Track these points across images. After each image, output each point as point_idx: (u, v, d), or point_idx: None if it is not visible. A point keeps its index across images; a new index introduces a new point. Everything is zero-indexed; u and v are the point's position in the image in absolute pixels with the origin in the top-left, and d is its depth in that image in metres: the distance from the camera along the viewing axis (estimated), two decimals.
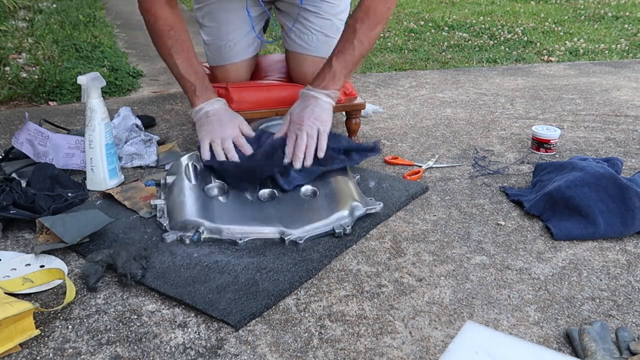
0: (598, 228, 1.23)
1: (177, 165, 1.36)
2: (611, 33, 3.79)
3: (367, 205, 1.29)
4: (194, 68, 1.38)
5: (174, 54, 1.37)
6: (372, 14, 1.35)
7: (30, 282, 1.01)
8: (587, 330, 0.90)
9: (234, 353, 0.89)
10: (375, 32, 1.37)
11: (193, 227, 1.19)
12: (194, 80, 1.37)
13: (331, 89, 1.33)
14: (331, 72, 1.34)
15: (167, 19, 1.35)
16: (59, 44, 3.10)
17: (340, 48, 1.37)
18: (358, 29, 1.35)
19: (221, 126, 1.31)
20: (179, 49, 1.37)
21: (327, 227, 1.21)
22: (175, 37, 1.36)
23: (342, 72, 1.35)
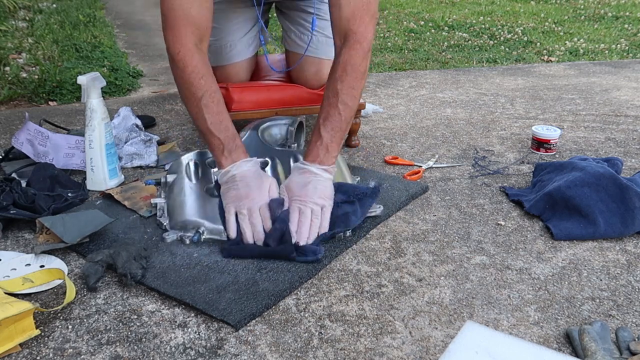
0: (598, 228, 1.23)
1: (177, 164, 1.36)
2: (611, 33, 3.80)
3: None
4: (225, 125, 1.24)
5: (204, 107, 1.23)
6: (351, 69, 1.27)
7: (30, 282, 1.01)
8: (587, 330, 0.90)
9: (234, 353, 0.89)
10: (358, 89, 1.29)
11: (193, 227, 1.19)
12: (224, 138, 1.23)
13: (327, 164, 1.25)
14: (323, 145, 1.25)
15: (197, 67, 1.23)
16: (59, 44, 3.10)
17: (325, 115, 1.27)
18: (339, 90, 1.26)
19: (247, 193, 1.19)
20: (209, 102, 1.24)
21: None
22: (206, 87, 1.24)
23: (334, 142, 1.26)
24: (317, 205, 1.19)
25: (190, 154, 1.39)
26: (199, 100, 1.23)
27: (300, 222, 1.17)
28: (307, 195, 1.19)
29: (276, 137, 1.53)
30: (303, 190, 1.20)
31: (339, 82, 1.26)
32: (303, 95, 1.66)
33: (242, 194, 1.18)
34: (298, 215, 1.18)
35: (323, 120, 1.27)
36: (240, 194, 1.19)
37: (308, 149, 1.27)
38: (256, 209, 1.17)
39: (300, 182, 1.22)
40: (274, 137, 1.53)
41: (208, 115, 1.23)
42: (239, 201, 1.18)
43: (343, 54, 1.28)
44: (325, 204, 1.20)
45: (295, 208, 1.18)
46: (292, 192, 1.21)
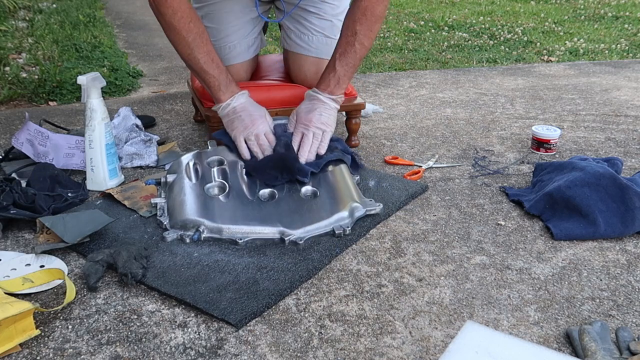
0: (598, 228, 1.23)
1: (177, 164, 1.36)
2: (611, 33, 3.80)
3: (367, 207, 1.29)
4: (216, 62, 1.37)
5: (195, 49, 1.34)
6: (370, 14, 1.38)
7: (30, 282, 1.01)
8: (587, 330, 0.90)
9: (234, 353, 0.89)
10: (374, 31, 1.41)
11: (193, 226, 1.19)
12: (217, 74, 1.37)
13: (337, 94, 1.39)
14: (336, 77, 1.39)
15: (186, 12, 1.32)
16: (59, 44, 3.10)
17: (342, 51, 1.40)
18: (358, 30, 1.37)
19: (252, 122, 1.35)
20: (200, 42, 1.35)
21: (327, 227, 1.21)
22: (195, 30, 1.34)
23: (346, 76, 1.40)
24: (319, 130, 1.34)
25: (190, 154, 1.39)
26: (190, 42, 1.34)
27: (302, 142, 1.33)
28: (311, 120, 1.35)
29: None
30: (309, 115, 1.36)
31: (358, 23, 1.38)
32: (303, 95, 1.66)
33: (247, 123, 1.34)
34: (301, 137, 1.34)
35: (339, 55, 1.40)
36: (245, 123, 1.35)
37: (321, 78, 1.42)
38: (262, 134, 1.34)
39: (308, 108, 1.38)
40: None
41: (200, 55, 1.35)
42: (247, 129, 1.34)
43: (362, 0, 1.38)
44: (327, 129, 1.36)
45: (299, 131, 1.35)
46: (299, 117, 1.38)
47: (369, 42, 1.40)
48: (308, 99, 1.41)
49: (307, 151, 1.33)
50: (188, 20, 1.33)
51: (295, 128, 1.36)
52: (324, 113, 1.37)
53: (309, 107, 1.38)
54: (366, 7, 1.37)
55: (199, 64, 1.36)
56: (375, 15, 1.39)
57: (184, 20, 1.32)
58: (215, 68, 1.37)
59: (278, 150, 1.33)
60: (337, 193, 1.30)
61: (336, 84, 1.39)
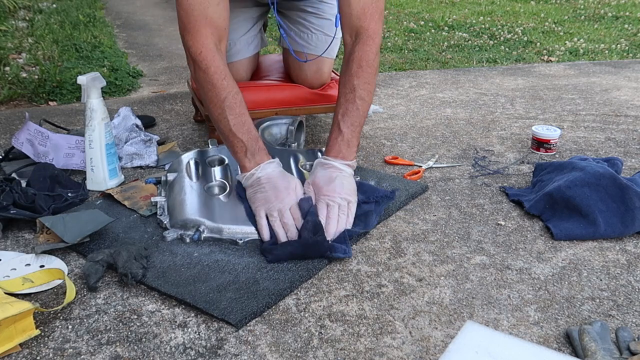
0: (598, 228, 1.23)
1: (177, 163, 1.36)
2: (611, 33, 3.80)
3: None
4: (247, 127, 1.24)
5: (227, 109, 1.22)
6: (366, 65, 1.30)
7: (30, 282, 1.01)
8: (587, 330, 0.90)
9: (234, 353, 0.89)
10: (372, 83, 1.32)
11: (193, 226, 1.19)
12: (247, 140, 1.23)
13: (349, 160, 1.28)
14: (345, 140, 1.28)
15: (220, 68, 1.23)
16: (59, 44, 3.10)
17: (343, 111, 1.30)
18: (357, 86, 1.29)
19: (276, 195, 1.19)
20: (233, 103, 1.23)
21: None
22: (229, 89, 1.23)
23: (354, 137, 1.29)
24: (344, 201, 1.20)
25: (191, 152, 1.39)
26: (223, 102, 1.22)
27: (328, 217, 1.18)
28: (335, 190, 1.21)
29: (276, 137, 1.53)
30: (330, 185, 1.21)
31: (355, 77, 1.29)
32: (303, 95, 1.66)
33: (271, 196, 1.18)
34: (326, 211, 1.19)
35: (342, 115, 1.29)
36: (268, 196, 1.19)
37: (329, 144, 1.29)
38: (287, 210, 1.17)
39: (326, 178, 1.23)
40: (274, 137, 1.53)
41: (231, 117, 1.22)
42: (269, 203, 1.18)
43: (357, 50, 1.30)
44: (351, 199, 1.22)
45: (323, 204, 1.19)
46: (318, 188, 1.22)
47: (369, 96, 1.31)
48: (322, 167, 1.26)
49: (335, 227, 1.18)
50: (222, 77, 1.23)
51: (319, 200, 1.20)
52: (345, 182, 1.23)
53: (327, 177, 1.23)
54: (361, 58, 1.30)
55: (228, 126, 1.23)
56: (370, 64, 1.31)
57: (218, 76, 1.23)
58: (245, 133, 1.23)
59: (305, 236, 1.14)
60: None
61: (347, 148, 1.27)
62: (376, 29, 1.32)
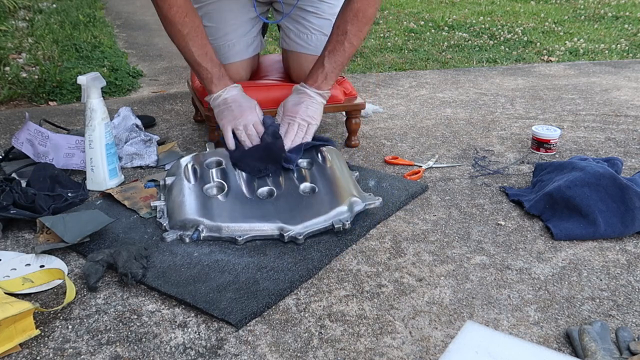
0: (598, 228, 1.23)
1: (176, 166, 1.36)
2: (611, 33, 3.80)
3: (366, 201, 1.29)
4: (209, 55, 1.42)
5: (190, 41, 1.39)
6: (362, 16, 1.42)
7: (30, 282, 1.01)
8: (587, 330, 0.90)
9: (234, 353, 0.89)
10: (364, 32, 1.45)
11: (192, 226, 1.19)
12: (210, 67, 1.42)
13: (324, 89, 1.44)
14: (324, 73, 1.44)
15: (182, 6, 1.38)
16: (59, 44, 3.10)
17: (331, 48, 1.44)
18: (349, 30, 1.42)
19: (241, 112, 1.38)
20: (194, 36, 1.40)
21: (326, 222, 1.21)
22: (190, 24, 1.39)
23: (334, 72, 1.45)
24: (304, 122, 1.40)
25: (189, 156, 1.40)
26: (185, 36, 1.39)
27: (287, 132, 1.38)
28: (298, 112, 1.40)
29: None
30: (295, 107, 1.41)
31: (349, 24, 1.42)
32: None
33: (237, 114, 1.38)
34: (287, 128, 1.39)
35: (328, 52, 1.45)
36: (234, 113, 1.38)
37: (310, 73, 1.46)
38: (250, 125, 1.38)
39: (295, 101, 1.43)
40: None
41: (194, 48, 1.40)
42: (235, 119, 1.38)
43: (355, 2, 1.42)
44: (312, 122, 1.41)
45: (286, 122, 1.40)
46: (286, 109, 1.43)
47: (358, 42, 1.45)
48: (295, 92, 1.46)
49: (291, 140, 1.37)
50: (184, 14, 1.37)
51: (282, 119, 1.41)
52: (310, 106, 1.41)
53: (296, 100, 1.43)
54: (358, 9, 1.41)
55: (193, 57, 1.41)
56: (367, 16, 1.43)
57: (179, 14, 1.37)
58: (208, 61, 1.42)
59: (265, 139, 1.36)
60: (335, 188, 1.29)
61: (324, 79, 1.44)
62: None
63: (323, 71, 1.44)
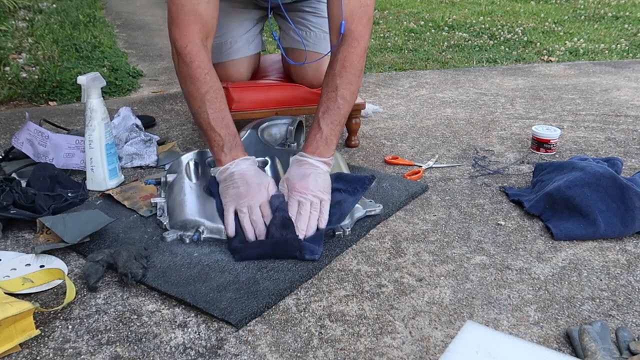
0: (598, 228, 1.23)
1: (177, 163, 1.36)
2: (611, 33, 3.79)
3: (367, 207, 1.29)
4: (226, 122, 1.25)
5: (207, 102, 1.23)
6: (350, 66, 1.30)
7: (30, 282, 1.01)
8: (587, 330, 0.90)
9: (234, 353, 0.89)
10: (356, 86, 1.32)
11: (193, 227, 1.19)
12: (224, 135, 1.23)
13: (326, 157, 1.26)
14: (323, 137, 1.26)
15: (204, 63, 1.25)
16: (59, 44, 3.10)
17: (324, 109, 1.29)
18: (339, 85, 1.29)
19: (248, 191, 1.18)
20: (213, 98, 1.24)
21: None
22: (211, 84, 1.24)
23: (333, 135, 1.28)
24: (316, 198, 1.18)
25: (190, 153, 1.39)
26: (203, 96, 1.23)
27: (299, 214, 1.16)
28: (307, 187, 1.19)
29: (276, 137, 1.53)
30: (303, 182, 1.20)
31: (338, 77, 1.29)
32: (303, 95, 1.66)
33: (242, 192, 1.17)
34: (297, 207, 1.17)
35: (322, 113, 1.28)
36: (240, 192, 1.18)
37: (307, 141, 1.28)
38: (256, 207, 1.16)
39: (300, 174, 1.22)
40: (273, 137, 1.53)
41: (210, 111, 1.23)
42: (239, 199, 1.17)
43: (341, 51, 1.31)
44: (324, 197, 1.20)
45: (295, 200, 1.17)
46: (291, 185, 1.20)
47: (351, 96, 1.31)
48: (297, 164, 1.25)
49: (307, 225, 1.16)
50: (205, 72, 1.24)
51: (290, 196, 1.19)
52: (318, 179, 1.21)
53: (301, 173, 1.22)
54: (345, 59, 1.30)
55: (207, 119, 1.23)
56: (355, 67, 1.30)
57: (200, 71, 1.24)
58: (223, 127, 1.24)
59: (273, 233, 1.13)
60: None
61: (324, 145, 1.26)
62: (363, 32, 1.31)
63: (322, 136, 1.26)
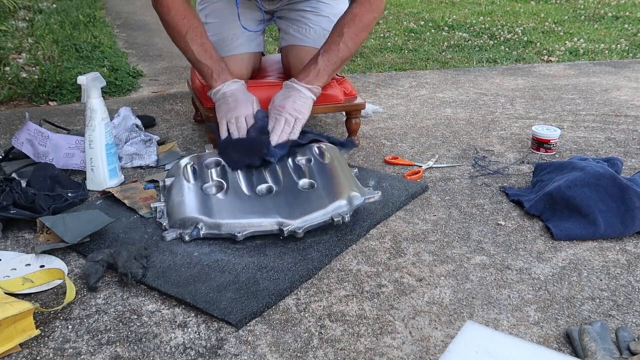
0: (598, 228, 1.23)
1: (176, 167, 1.37)
2: (611, 33, 3.80)
3: (365, 195, 1.29)
4: (209, 53, 1.46)
5: (189, 41, 1.45)
6: (359, 20, 1.45)
7: (30, 282, 1.01)
8: (587, 330, 0.90)
9: (234, 353, 0.89)
10: (360, 37, 1.47)
11: (192, 224, 1.19)
12: (210, 64, 1.45)
13: (314, 85, 1.45)
14: (316, 69, 1.45)
15: (180, 9, 1.44)
16: (59, 44, 3.10)
17: (326, 48, 1.46)
18: (345, 32, 1.44)
19: (236, 105, 1.41)
20: (193, 35, 1.45)
21: (325, 216, 1.20)
22: (189, 25, 1.45)
23: (326, 70, 1.45)
24: (291, 116, 1.39)
25: (188, 157, 1.40)
26: (184, 36, 1.45)
27: (274, 127, 1.38)
28: (285, 106, 1.40)
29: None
30: (283, 101, 1.41)
31: (346, 27, 1.45)
32: None
33: (232, 107, 1.41)
34: (274, 123, 1.39)
35: (323, 51, 1.46)
36: (230, 107, 1.42)
37: (302, 70, 1.48)
38: (242, 117, 1.40)
39: (284, 96, 1.43)
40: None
41: (194, 47, 1.45)
42: (229, 112, 1.41)
43: (354, 7, 1.46)
44: (300, 116, 1.40)
45: (273, 117, 1.41)
46: (273, 103, 1.43)
47: (354, 45, 1.46)
48: (285, 87, 1.46)
49: (278, 135, 1.37)
50: (182, 16, 1.44)
51: (270, 114, 1.42)
52: (297, 101, 1.42)
53: (285, 95, 1.43)
54: (356, 14, 1.45)
55: (194, 55, 1.46)
56: (364, 22, 1.45)
57: (178, 17, 1.44)
58: (208, 58, 1.45)
59: (251, 133, 1.39)
60: (334, 183, 1.29)
61: (315, 75, 1.45)
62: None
63: (315, 67, 1.45)
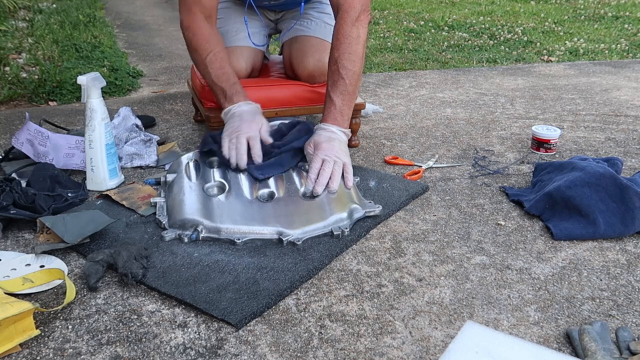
0: (598, 228, 1.23)
1: (177, 163, 1.36)
2: (611, 33, 3.80)
3: (366, 208, 1.29)
4: (226, 76, 1.46)
5: (208, 64, 1.45)
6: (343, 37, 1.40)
7: (30, 282, 1.01)
8: (587, 330, 0.90)
9: (234, 353, 0.89)
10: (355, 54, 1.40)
11: (192, 226, 1.19)
12: (226, 86, 1.44)
13: (344, 127, 1.41)
14: (338, 110, 1.40)
15: (204, 34, 1.47)
16: (59, 44, 3.10)
17: (331, 82, 1.41)
18: (337, 57, 1.40)
19: (240, 125, 1.38)
20: (213, 59, 1.46)
21: (325, 228, 1.21)
22: (210, 48, 1.46)
23: (346, 106, 1.41)
24: (339, 160, 1.33)
25: (190, 153, 1.40)
26: (204, 60, 1.46)
27: (322, 169, 1.31)
28: (333, 150, 1.34)
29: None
30: (328, 144, 1.35)
31: (335, 50, 1.41)
32: (303, 93, 1.66)
33: (235, 127, 1.38)
34: (321, 165, 1.32)
35: (331, 87, 1.42)
36: (234, 126, 1.38)
37: (325, 113, 1.43)
38: (243, 137, 1.35)
39: (327, 137, 1.37)
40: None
41: (212, 70, 1.45)
42: (232, 132, 1.38)
43: (334, 25, 1.44)
44: (347, 160, 1.35)
45: (319, 158, 1.33)
46: (318, 145, 1.35)
47: (353, 65, 1.40)
48: (322, 131, 1.39)
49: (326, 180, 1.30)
50: (205, 40, 1.47)
51: (315, 155, 1.34)
52: (342, 146, 1.38)
53: (327, 137, 1.37)
54: (337, 31, 1.41)
55: (210, 77, 1.46)
56: (348, 36, 1.39)
57: (202, 40, 1.47)
58: (224, 81, 1.45)
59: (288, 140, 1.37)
60: (336, 194, 1.29)
61: (341, 116, 1.40)
62: (352, 3, 1.40)
63: (336, 108, 1.40)
